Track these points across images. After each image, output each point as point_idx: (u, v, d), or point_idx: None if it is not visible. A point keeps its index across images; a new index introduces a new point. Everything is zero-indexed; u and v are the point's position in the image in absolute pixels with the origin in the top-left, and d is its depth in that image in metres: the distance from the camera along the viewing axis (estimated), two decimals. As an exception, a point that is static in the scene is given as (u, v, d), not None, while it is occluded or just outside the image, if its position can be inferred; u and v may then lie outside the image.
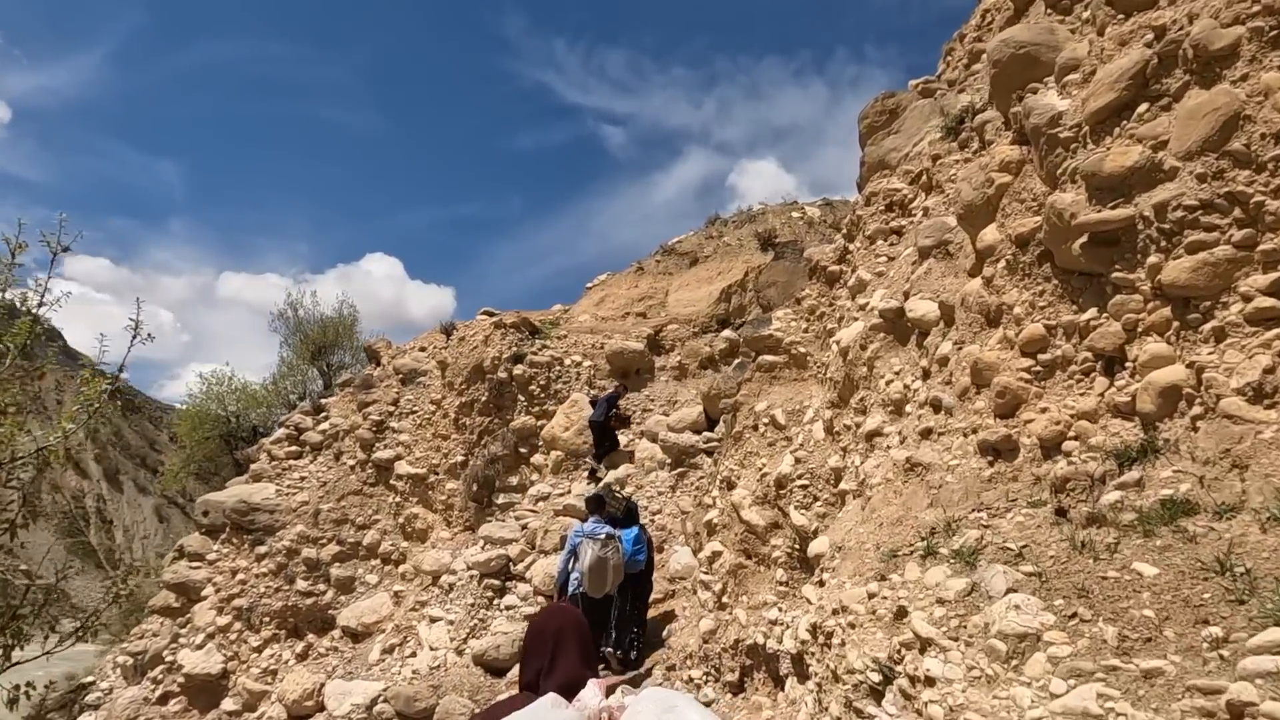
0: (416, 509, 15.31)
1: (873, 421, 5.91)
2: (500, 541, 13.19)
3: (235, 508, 15.55)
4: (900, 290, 6.39)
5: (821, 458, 7.33)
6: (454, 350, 15.82)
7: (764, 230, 17.45)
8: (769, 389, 8.41)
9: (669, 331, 16.25)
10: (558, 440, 14.45)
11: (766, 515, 7.68)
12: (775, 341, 8.46)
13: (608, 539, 8.19)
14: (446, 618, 12.97)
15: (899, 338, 6.22)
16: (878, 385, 6.15)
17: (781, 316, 8.60)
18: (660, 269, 18.16)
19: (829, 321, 8.22)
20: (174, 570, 15.77)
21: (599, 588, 8.16)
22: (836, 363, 7.05)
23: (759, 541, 7.73)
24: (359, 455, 15.97)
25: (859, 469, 6.00)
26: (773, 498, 7.63)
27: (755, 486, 7.88)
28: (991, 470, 4.24)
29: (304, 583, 14.94)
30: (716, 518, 8.40)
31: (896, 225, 7.15)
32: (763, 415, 8.24)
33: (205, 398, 27.03)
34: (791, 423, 8.00)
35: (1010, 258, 4.60)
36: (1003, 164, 4.76)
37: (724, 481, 8.48)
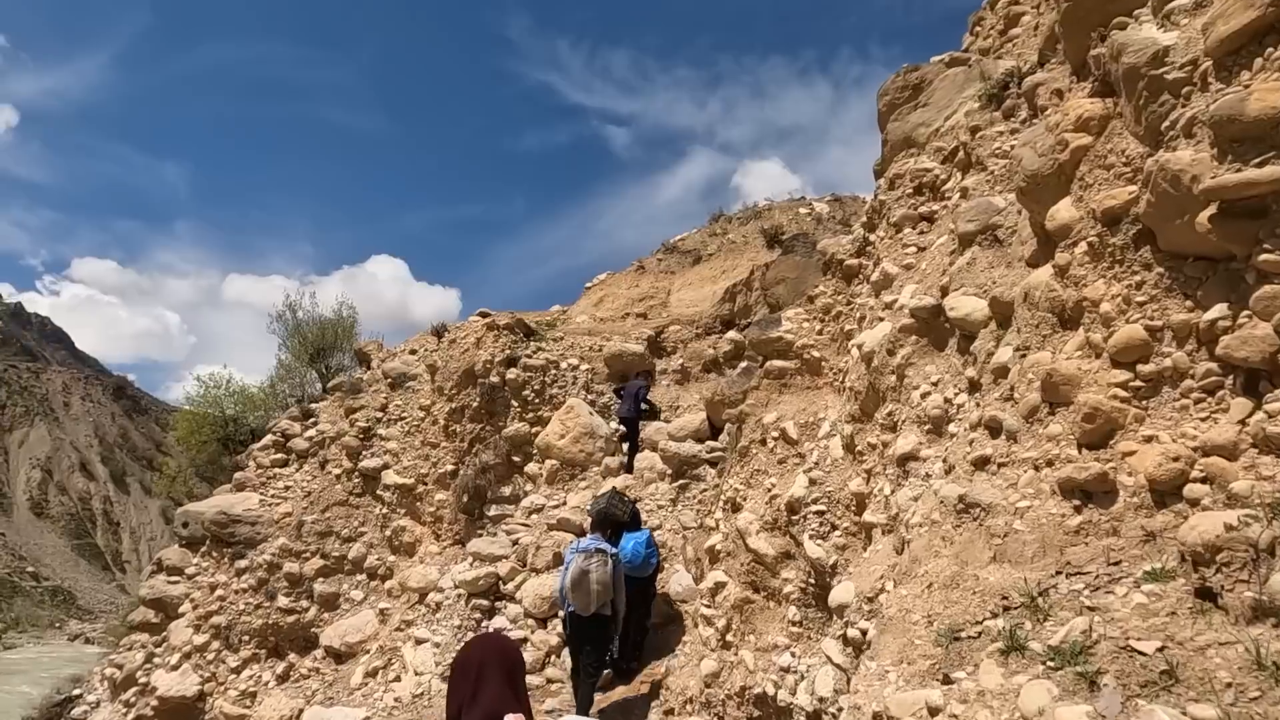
0: (404, 521, 14.25)
1: (906, 442, 4.83)
2: (489, 558, 12.12)
3: (214, 519, 14.51)
4: (935, 285, 5.30)
5: (840, 479, 6.24)
6: (444, 353, 14.76)
7: (770, 227, 16.35)
8: (779, 398, 7.33)
9: (671, 333, 15.17)
10: (553, 449, 13.38)
11: (776, 543, 6.60)
12: (785, 345, 7.37)
13: (595, 552, 7.35)
14: (433, 639, 11.92)
15: (935, 341, 5.13)
16: (910, 398, 5.07)
17: (792, 317, 7.52)
18: (662, 267, 17.08)
19: (847, 322, 7.12)
20: (151, 585, 14.75)
21: (584, 604, 7.28)
22: (858, 370, 5.97)
23: (768, 573, 6.65)
24: (345, 464, 14.92)
25: (890, 499, 4.91)
26: (784, 523, 6.55)
27: (763, 510, 6.80)
28: (1079, 519, 3.15)
29: (286, 599, 13.90)
30: (720, 543, 7.32)
31: (927, 210, 6.06)
32: (772, 428, 7.16)
33: (203, 401, 26.14)
34: (805, 437, 6.91)
35: (1094, 240, 3.51)
36: (1080, 122, 3.67)
37: (728, 502, 7.40)
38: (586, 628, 7.41)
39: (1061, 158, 3.73)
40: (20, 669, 51.47)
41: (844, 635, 4.71)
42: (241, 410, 25.65)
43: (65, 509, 68.75)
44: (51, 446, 75.42)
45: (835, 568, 5.99)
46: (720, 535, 7.36)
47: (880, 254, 6.29)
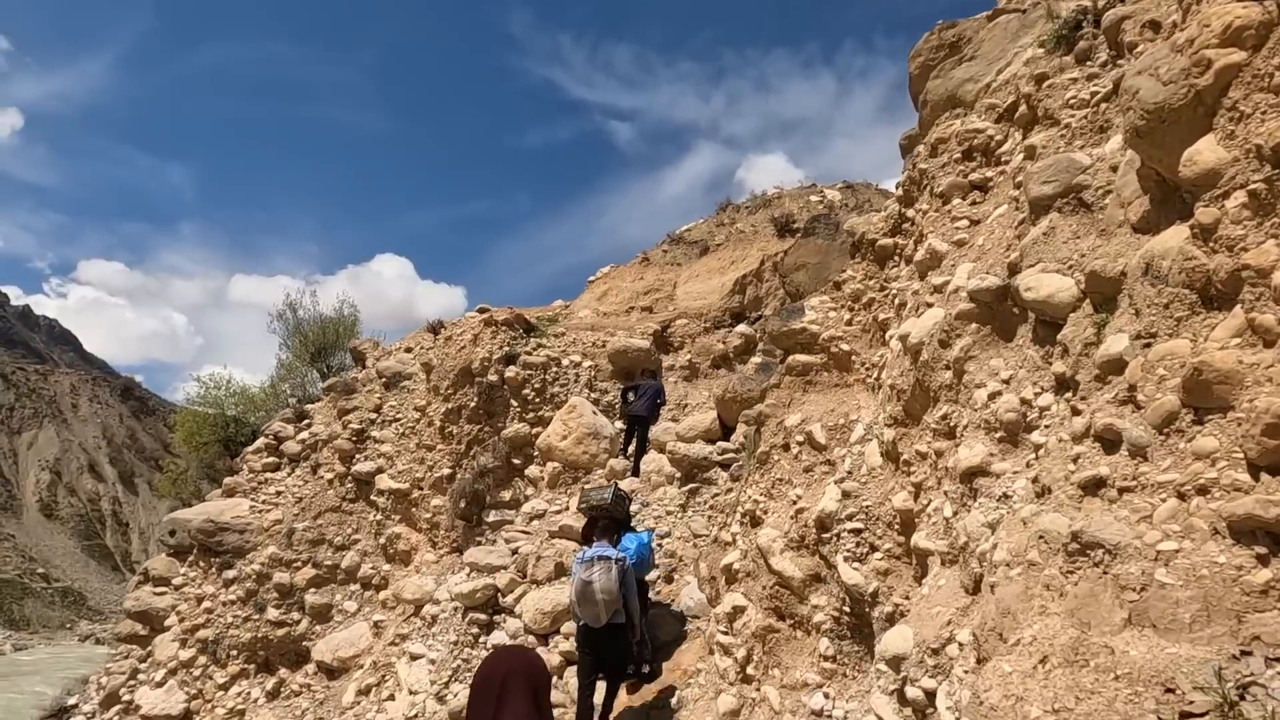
0: (399, 528, 13.33)
1: (971, 453, 3.87)
2: (487, 569, 11.18)
3: (201, 527, 13.61)
4: (999, 262, 4.34)
5: (880, 492, 5.28)
6: (440, 351, 13.82)
7: (780, 215, 15.37)
8: (803, 397, 6.37)
9: (678, 327, 14.20)
10: (555, 450, 12.44)
11: (804, 564, 5.64)
12: (810, 337, 6.41)
13: (596, 560, 6.74)
14: (428, 655, 10.99)
15: (1001, 330, 4.17)
16: (972, 399, 4.11)
17: (816, 305, 6.55)
18: (668, 259, 16.10)
19: (881, 310, 6.16)
20: (135, 597, 13.86)
21: (594, 616, 6.70)
22: (899, 365, 5.02)
23: (794, 599, 5.70)
24: (338, 468, 14.00)
25: (951, 522, 3.97)
26: (812, 542, 5.60)
27: (789, 525, 5.85)
28: (1268, 574, 2.21)
29: (275, 611, 13.00)
30: (738, 561, 6.37)
31: (980, 177, 5.09)
32: (796, 431, 6.20)
33: (203, 402, 25.34)
34: (834, 442, 5.95)
35: (1259, 187, 2.55)
36: (1228, 33, 2.71)
37: (747, 515, 6.44)
38: (603, 640, 6.80)
39: (1200, 83, 2.77)
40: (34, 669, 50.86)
41: (900, 692, 3.76)
42: (242, 411, 24.82)
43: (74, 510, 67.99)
44: (60, 448, 74.72)
45: (876, 597, 5.04)
46: (738, 552, 6.41)
47: (924, 229, 5.33)
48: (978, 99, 5.38)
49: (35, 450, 73.18)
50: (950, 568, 3.89)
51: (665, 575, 10.04)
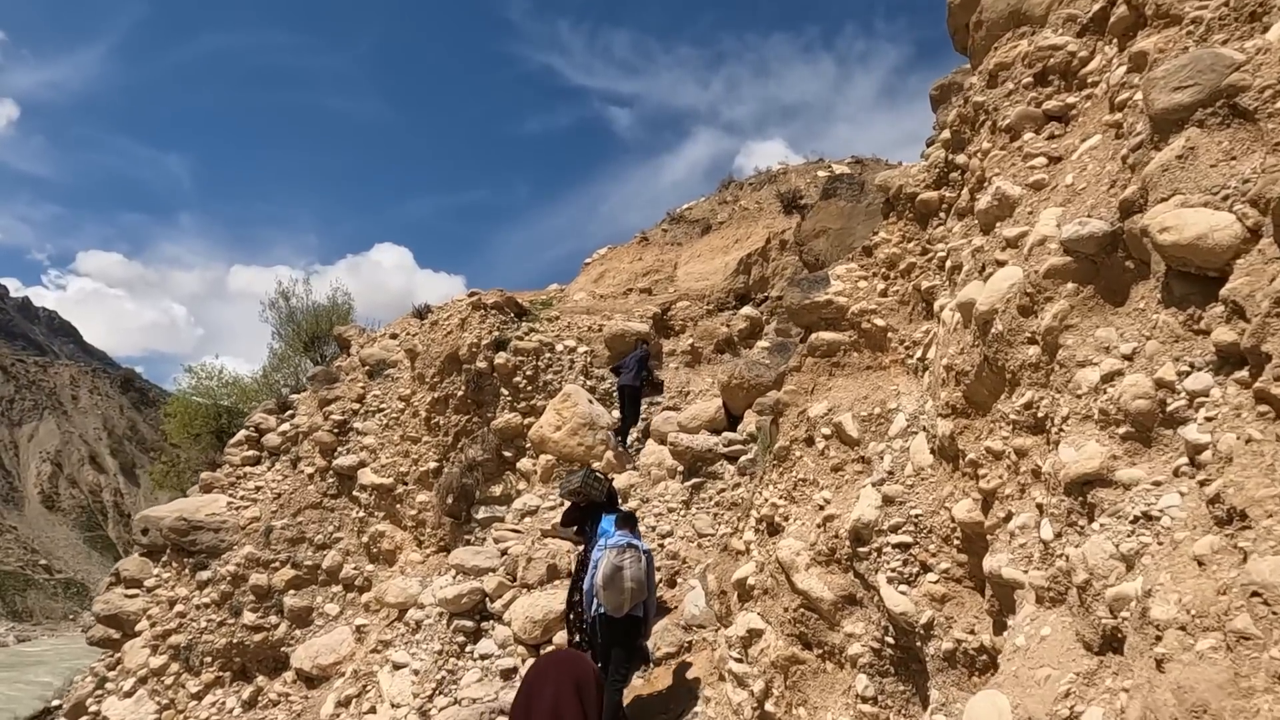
0: (383, 525, 12.28)
1: (1082, 455, 2.79)
2: (474, 571, 10.13)
3: (174, 526, 12.56)
4: (1103, 202, 3.25)
5: (933, 499, 4.20)
6: (425, 336, 12.74)
7: (787, 190, 14.24)
8: (828, 382, 5.28)
9: (679, 309, 13.11)
10: (548, 442, 11.37)
11: (836, 584, 4.57)
12: (836, 311, 5.31)
13: (627, 548, 6.45)
14: (411, 665, 9.96)
15: (1109, 289, 3.09)
16: (1072, 380, 3.03)
17: (844, 274, 5.46)
18: (668, 239, 14.98)
19: (924, 277, 5.05)
20: (105, 600, 12.84)
21: (616, 604, 6.35)
22: (958, 340, 3.94)
23: (824, 624, 4.64)
24: (318, 462, 12.94)
25: (1053, 546, 2.89)
26: (845, 556, 4.53)
27: (815, 536, 4.77)
28: None
29: (252, 614, 11.97)
30: (753, 576, 5.30)
31: (1058, 105, 3.99)
32: (821, 423, 5.11)
33: (196, 392, 24.32)
34: (869, 436, 4.87)
35: None
36: None
37: (764, 521, 5.37)
38: (617, 630, 6.46)
39: None
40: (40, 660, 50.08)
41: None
42: (235, 401, 23.83)
43: (76, 502, 66.95)
44: (61, 440, 73.60)
45: (931, 629, 3.97)
46: (753, 565, 5.33)
47: (985, 173, 4.23)
48: (1050, 11, 4.28)
49: (36, 442, 72.06)
50: (1054, 609, 2.82)
51: (668, 579, 9.00)
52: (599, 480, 7.88)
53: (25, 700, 37.03)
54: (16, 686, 46.05)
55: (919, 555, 4.12)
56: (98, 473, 73.15)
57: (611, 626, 6.42)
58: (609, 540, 6.60)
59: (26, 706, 27.65)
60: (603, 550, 6.55)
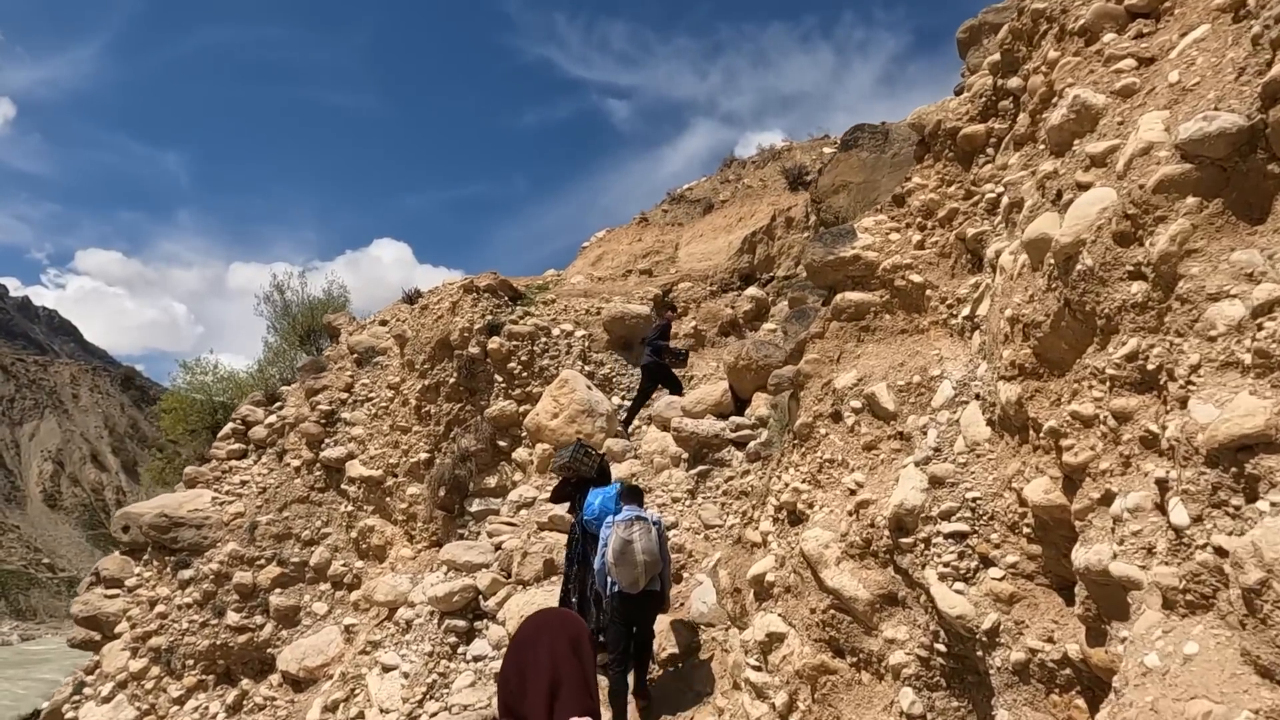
0: (372, 520, 11.56)
1: (1233, 414, 2.08)
2: (466, 568, 9.42)
3: (154, 523, 11.86)
4: (1231, 94, 2.53)
5: (993, 478, 3.48)
6: (415, 321, 12.00)
7: (792, 166, 13.49)
8: (857, 349, 4.55)
9: (680, 291, 12.38)
10: (544, 430, 10.64)
11: (873, 580, 3.86)
12: (865, 268, 4.58)
13: (634, 520, 6.20)
14: (402, 667, 9.26)
15: (1243, 202, 2.38)
16: (1202, 319, 2.32)
17: (872, 227, 4.73)
18: (668, 219, 14.24)
19: (969, 224, 4.33)
20: (85, 600, 12.14)
21: (631, 579, 6.08)
22: (1025, 287, 3.22)
23: (859, 628, 3.92)
24: (305, 454, 12.22)
25: (1190, 534, 2.18)
26: (885, 548, 3.81)
27: (846, 524, 4.05)
28: None
29: (236, 615, 11.26)
30: (773, 571, 4.58)
31: (1142, 0, 3.27)
32: (850, 395, 4.39)
33: (190, 388, 23.65)
34: (908, 408, 4.14)
35: None
36: None
37: (784, 509, 4.64)
38: (635, 609, 6.20)
39: None
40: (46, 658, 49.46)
41: None
42: (230, 397, 23.18)
43: (78, 500, 66.31)
44: (62, 438, 72.93)
45: (996, 635, 3.25)
46: (772, 559, 4.61)
47: (1056, 86, 3.49)
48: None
49: (37, 441, 71.38)
50: (1196, 618, 2.10)
51: (674, 573, 8.28)
52: (589, 454, 7.57)
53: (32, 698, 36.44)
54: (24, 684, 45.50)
55: (978, 547, 3.39)
56: (99, 471, 72.44)
57: (628, 604, 6.13)
58: (623, 516, 6.31)
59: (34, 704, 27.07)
60: (608, 529, 6.30)
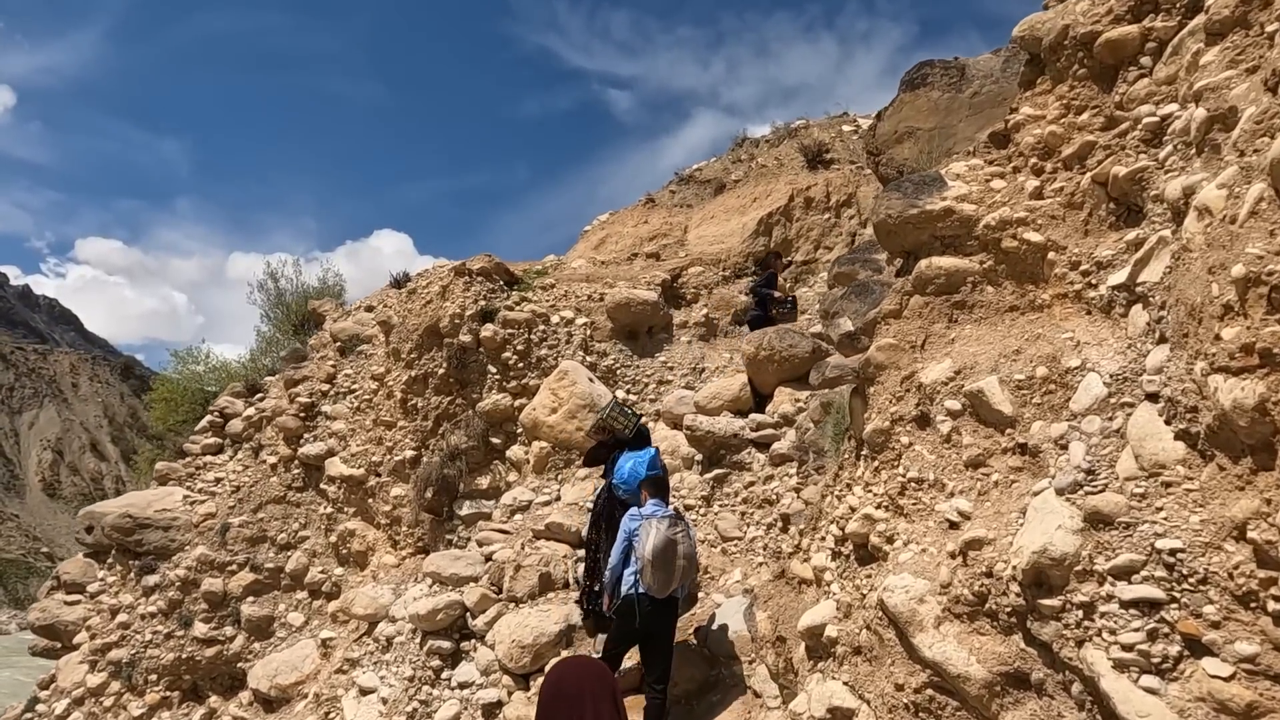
0: (353, 523, 10.40)
1: None
2: (453, 581, 8.26)
3: (117, 524, 10.69)
4: None
5: (1198, 521, 2.31)
6: (402, 307, 10.82)
7: (810, 144, 12.29)
8: (949, 333, 3.38)
9: (690, 276, 11.19)
10: (542, 427, 9.48)
11: (991, 653, 2.70)
12: (960, 225, 3.41)
13: (677, 519, 5.63)
14: (380, 691, 8.12)
15: None
16: None
17: (965, 173, 3.56)
18: (676, 200, 13.04)
19: (1117, 161, 3.16)
20: (43, 608, 10.98)
21: (665, 582, 5.44)
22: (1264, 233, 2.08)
23: (971, 718, 2.77)
24: (282, 450, 11.06)
25: None
26: (1012, 609, 2.66)
27: (949, 572, 2.90)
28: None
29: (204, 625, 10.10)
30: (835, 624, 3.41)
31: None
32: (944, 392, 3.21)
33: (181, 377, 22.51)
34: (1034, 411, 2.97)
35: None
36: None
37: (849, 541, 3.47)
38: (657, 615, 5.48)
39: None
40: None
41: None
42: (221, 387, 22.05)
43: (78, 489, 65.10)
44: (61, 427, 71.67)
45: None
46: (833, 607, 3.44)
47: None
48: None
49: (36, 430, 70.12)
50: None
51: (686, 594, 7.12)
52: (625, 412, 6.83)
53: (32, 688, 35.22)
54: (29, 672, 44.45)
55: (1181, 624, 2.23)
56: (99, 460, 71.19)
57: (655, 609, 5.40)
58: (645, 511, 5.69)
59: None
60: (639, 521, 5.65)
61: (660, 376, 10.22)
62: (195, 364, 22.89)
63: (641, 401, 10.05)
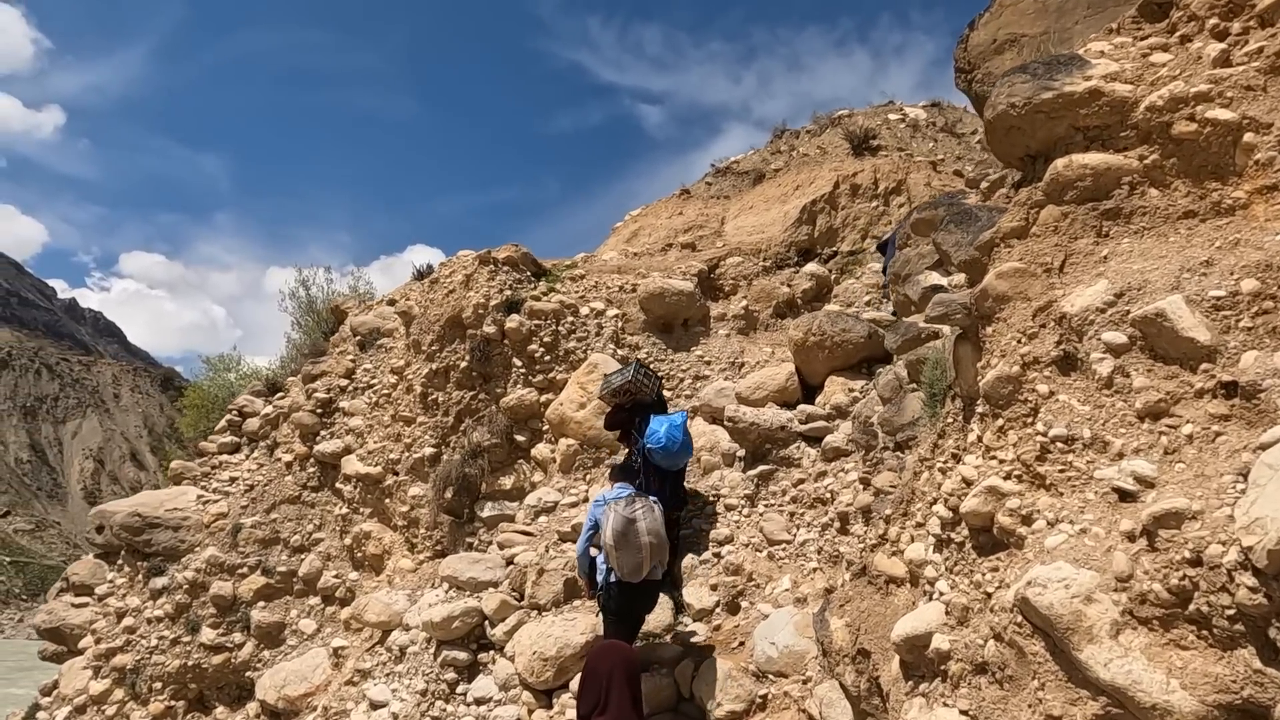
0: (369, 524, 9.67)
1: None
2: (471, 585, 7.47)
3: (126, 523, 10.08)
4: None
5: None
6: (424, 297, 10.13)
7: (856, 129, 11.46)
8: (1098, 248, 2.53)
9: (729, 267, 10.38)
10: (569, 423, 8.69)
11: (1204, 674, 1.85)
12: (1111, 109, 2.59)
13: (635, 498, 5.42)
14: (391, 706, 7.33)
15: None
16: None
17: (1111, 51, 2.74)
18: (713, 192, 12.27)
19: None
20: (49, 610, 10.38)
21: (635, 565, 5.18)
22: None
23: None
24: (298, 447, 10.39)
25: None
26: (1236, 612, 1.81)
27: (1128, 560, 2.05)
28: None
29: (212, 631, 9.41)
30: (949, 634, 2.54)
31: None
32: (1100, 322, 2.36)
33: (213, 385, 22.19)
34: (1238, 338, 2.09)
35: None
36: None
37: (962, 523, 2.60)
38: (638, 598, 5.41)
39: None
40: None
41: None
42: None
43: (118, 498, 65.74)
44: (103, 437, 72.87)
45: None
46: (940, 611, 2.58)
47: None
48: None
49: (79, 439, 71.23)
50: None
51: (728, 602, 6.26)
52: (649, 375, 6.75)
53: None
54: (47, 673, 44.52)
55: None
56: (138, 469, 71.94)
57: (631, 595, 5.29)
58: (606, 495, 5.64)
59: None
60: (600, 506, 5.59)
61: (696, 371, 9.39)
62: (227, 371, 22.49)
63: (678, 397, 9.23)
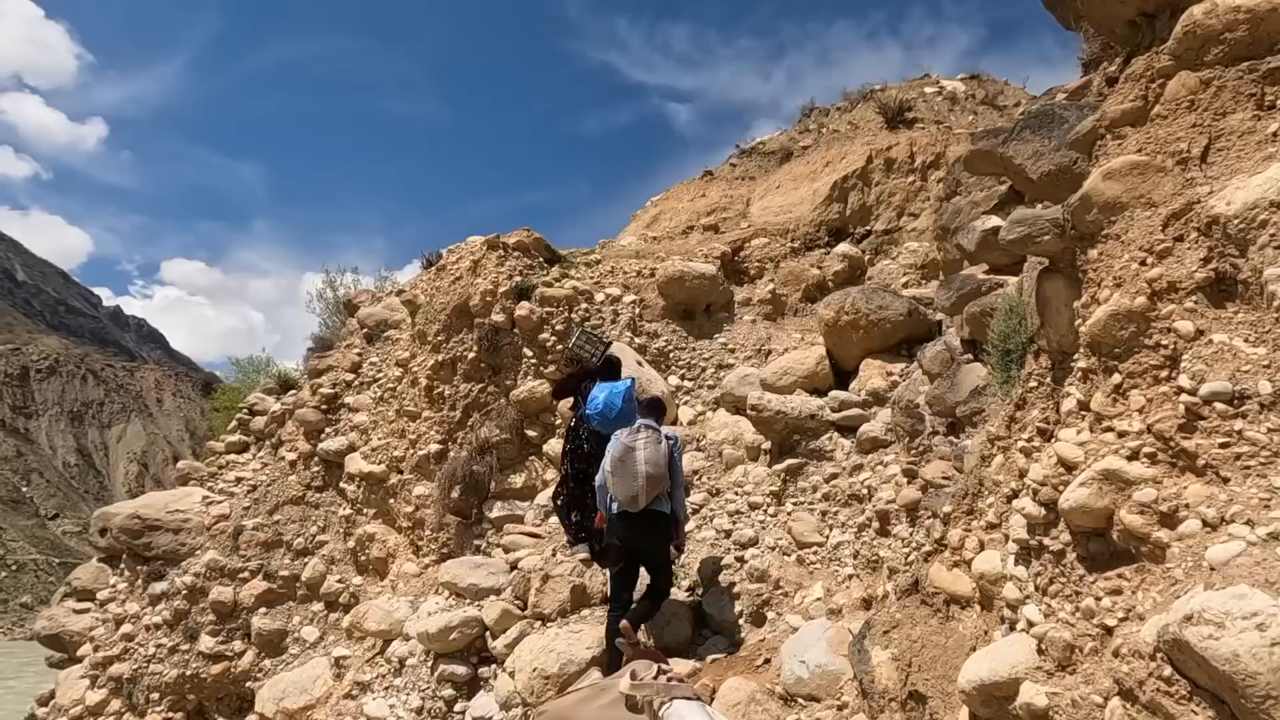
0: (373, 526, 9.05)
1: None
2: (471, 593, 6.79)
3: (125, 525, 9.58)
4: None
5: None
6: (430, 285, 9.50)
7: (889, 102, 10.60)
8: (1259, 124, 1.70)
9: (754, 249, 9.59)
10: (582, 416, 7.97)
11: None
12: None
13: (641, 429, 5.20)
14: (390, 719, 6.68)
15: None
16: None
17: None
18: (738, 173, 11.49)
19: None
20: (50, 616, 9.93)
21: (629, 493, 5.01)
22: None
23: None
24: (302, 445, 9.82)
25: None
26: None
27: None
28: None
29: (211, 639, 8.85)
30: (1042, 685, 1.74)
31: None
32: (1269, 227, 1.55)
33: (243, 386, 21.99)
34: None
35: None
36: None
37: (1059, 526, 1.79)
38: (638, 531, 5.12)
39: None
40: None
41: None
42: (282, 395, 21.47)
43: (162, 504, 67.46)
44: (146, 441, 74.40)
45: None
46: (1029, 647, 1.78)
47: None
48: None
49: (124, 443, 72.62)
50: None
51: (752, 612, 5.48)
52: (591, 339, 6.79)
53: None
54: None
55: None
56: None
57: (629, 525, 5.11)
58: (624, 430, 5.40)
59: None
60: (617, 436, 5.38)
61: (720, 360, 8.63)
62: (256, 373, 22.17)
63: (699, 388, 8.48)
